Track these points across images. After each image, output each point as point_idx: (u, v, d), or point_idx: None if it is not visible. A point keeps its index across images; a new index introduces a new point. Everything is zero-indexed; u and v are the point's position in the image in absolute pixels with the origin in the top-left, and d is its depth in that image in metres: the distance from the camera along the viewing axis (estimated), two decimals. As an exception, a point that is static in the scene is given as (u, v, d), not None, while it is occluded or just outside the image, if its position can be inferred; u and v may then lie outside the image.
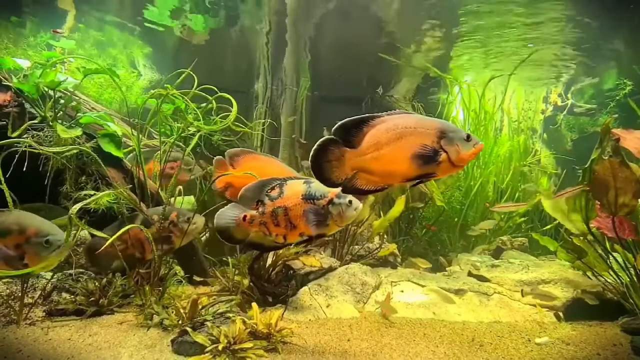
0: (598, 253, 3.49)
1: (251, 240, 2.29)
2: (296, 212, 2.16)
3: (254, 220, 2.22)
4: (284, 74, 7.69)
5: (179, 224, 3.12)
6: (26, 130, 3.15)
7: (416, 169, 1.82)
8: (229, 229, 2.26)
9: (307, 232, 2.20)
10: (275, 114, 7.60)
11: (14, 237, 1.97)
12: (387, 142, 1.83)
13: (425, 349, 2.80)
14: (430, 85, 7.85)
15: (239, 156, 2.74)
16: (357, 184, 1.92)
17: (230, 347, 2.49)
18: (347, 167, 1.91)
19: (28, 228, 1.99)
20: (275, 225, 2.20)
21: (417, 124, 1.84)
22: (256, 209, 2.23)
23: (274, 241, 2.27)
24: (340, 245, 4.42)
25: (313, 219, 2.13)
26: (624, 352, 2.80)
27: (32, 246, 1.98)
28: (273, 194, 2.22)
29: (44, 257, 2.00)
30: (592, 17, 5.95)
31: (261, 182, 2.27)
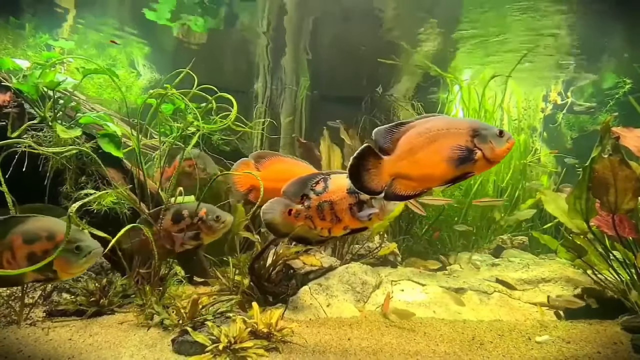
0: (598, 251, 3.49)
1: (296, 233, 2.32)
2: (341, 206, 2.19)
3: (299, 214, 2.26)
4: (283, 74, 7.69)
5: (207, 221, 3.10)
6: (26, 130, 3.15)
7: (453, 170, 1.84)
8: (275, 222, 2.29)
9: (351, 225, 2.23)
10: (275, 114, 7.60)
11: (42, 244, 1.94)
12: (422, 147, 1.86)
13: (426, 347, 2.80)
14: (430, 85, 7.84)
15: (265, 158, 2.70)
16: (397, 190, 1.94)
17: (231, 347, 2.50)
18: (385, 174, 1.94)
19: (57, 234, 1.95)
20: (320, 219, 2.24)
21: (449, 126, 1.86)
22: (301, 203, 2.26)
23: (319, 234, 2.30)
24: (341, 245, 4.43)
25: (357, 212, 2.16)
26: (624, 350, 2.80)
27: (62, 253, 1.94)
28: (318, 189, 2.25)
29: (74, 263, 1.97)
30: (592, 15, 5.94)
31: (305, 177, 2.30)
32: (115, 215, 3.26)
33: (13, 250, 1.95)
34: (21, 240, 1.94)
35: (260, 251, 3.49)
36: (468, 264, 4.73)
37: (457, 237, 5.79)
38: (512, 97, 7.50)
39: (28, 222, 2.01)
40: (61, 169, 3.27)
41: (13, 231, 1.97)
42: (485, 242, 5.77)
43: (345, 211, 2.19)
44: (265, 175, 2.65)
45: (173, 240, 3.18)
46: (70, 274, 2.02)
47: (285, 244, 3.83)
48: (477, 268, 4.47)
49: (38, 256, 1.92)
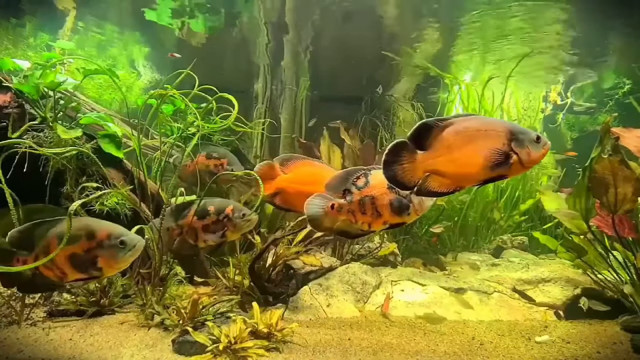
0: (598, 252, 3.50)
1: (338, 227, 2.36)
2: (382, 201, 2.22)
3: (342, 209, 2.29)
4: (283, 74, 7.69)
5: (233, 219, 3.09)
6: (26, 131, 3.15)
7: (488, 171, 1.85)
8: (318, 217, 2.32)
9: (391, 220, 2.27)
10: (275, 114, 7.60)
11: (83, 244, 1.95)
12: (458, 146, 1.87)
13: (426, 347, 2.81)
14: (430, 85, 7.84)
15: (290, 161, 2.68)
16: (430, 186, 1.96)
17: (231, 347, 2.50)
18: (419, 170, 1.96)
19: (98, 232, 1.96)
20: (362, 213, 2.27)
21: (487, 127, 1.87)
22: (343, 197, 2.29)
23: (359, 229, 2.33)
24: (341, 245, 4.43)
25: (398, 208, 2.21)
26: (624, 350, 2.80)
27: (107, 249, 1.96)
28: (359, 184, 2.29)
29: (120, 258, 1.98)
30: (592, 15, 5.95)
31: (347, 172, 2.34)
32: (116, 216, 3.26)
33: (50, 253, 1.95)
34: (58, 242, 1.94)
35: (261, 251, 3.50)
36: (468, 263, 4.74)
37: (457, 237, 5.79)
38: (512, 97, 7.51)
39: (61, 225, 2.01)
40: (62, 169, 3.27)
41: (47, 235, 1.98)
42: (485, 243, 5.78)
43: (385, 206, 2.23)
44: (291, 178, 2.64)
45: (196, 236, 3.15)
46: (115, 269, 2.03)
47: (285, 244, 3.84)
48: (477, 268, 4.47)
49: (81, 256, 1.94)
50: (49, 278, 2.01)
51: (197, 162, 4.06)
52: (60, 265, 1.96)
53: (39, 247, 1.96)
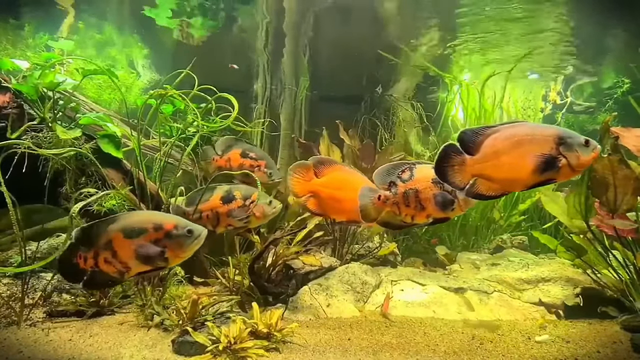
0: (598, 251, 3.50)
1: (382, 219, 2.41)
2: (426, 194, 2.26)
3: (387, 200, 2.33)
4: (282, 74, 7.69)
5: (259, 205, 3.09)
6: (25, 131, 3.15)
7: (536, 176, 1.88)
8: (368, 207, 2.37)
9: (434, 214, 2.30)
10: (275, 114, 7.60)
11: (150, 235, 2.00)
12: (506, 151, 1.90)
13: (426, 347, 2.81)
14: (429, 84, 7.84)
15: (324, 164, 2.65)
16: (478, 189, 2.01)
17: (231, 347, 2.50)
18: (467, 173, 2.01)
19: (165, 223, 2.03)
20: (406, 205, 2.31)
21: (535, 132, 1.90)
22: (388, 189, 2.33)
23: (402, 221, 2.37)
24: (341, 245, 4.43)
25: (442, 202, 2.24)
26: (623, 349, 2.80)
27: (175, 239, 2.02)
28: (404, 176, 2.33)
29: (187, 247, 2.05)
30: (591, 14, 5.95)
31: (392, 165, 2.39)
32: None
33: (113, 249, 1.99)
34: (122, 236, 1.99)
35: (260, 251, 3.50)
36: (467, 263, 4.73)
37: (457, 237, 5.79)
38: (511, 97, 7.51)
39: (121, 220, 2.06)
40: (61, 169, 3.27)
41: (107, 231, 2.02)
42: (485, 242, 5.77)
43: (429, 200, 2.26)
44: (324, 182, 2.64)
45: (217, 222, 3.12)
46: (180, 259, 2.09)
47: (285, 244, 3.84)
48: (477, 268, 4.47)
49: (147, 247, 2.00)
50: (108, 274, 2.05)
51: (230, 159, 3.88)
52: (125, 259, 2.00)
53: (100, 243, 2.02)
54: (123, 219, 2.07)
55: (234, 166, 3.88)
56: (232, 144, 3.82)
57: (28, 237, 3.65)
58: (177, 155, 4.78)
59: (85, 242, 2.06)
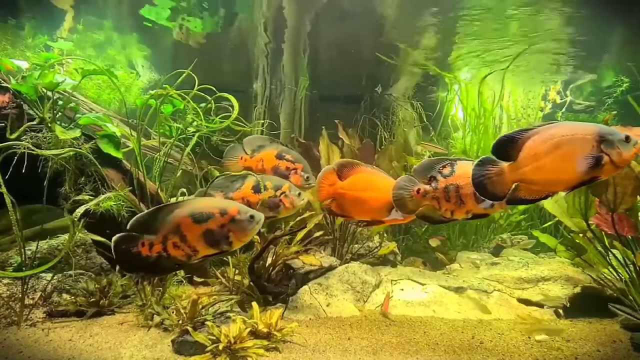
0: (598, 250, 3.50)
1: (421, 212, 2.43)
2: (466, 190, 2.27)
3: (427, 194, 2.37)
4: (282, 73, 7.69)
5: (290, 195, 3.08)
6: (25, 131, 3.15)
7: (580, 175, 1.88)
8: (404, 199, 2.40)
9: (474, 210, 2.32)
10: (275, 114, 7.60)
11: (217, 220, 2.12)
12: (546, 153, 1.90)
13: (426, 347, 2.81)
14: (429, 84, 7.84)
15: (347, 167, 2.67)
16: (520, 194, 2.02)
17: (231, 347, 2.50)
18: (508, 181, 2.01)
19: (229, 208, 2.15)
20: (446, 200, 2.34)
21: (574, 132, 1.89)
22: (428, 183, 2.36)
23: (442, 215, 2.40)
24: (340, 244, 4.43)
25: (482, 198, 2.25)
26: (623, 348, 2.81)
27: (239, 223, 2.15)
28: (445, 172, 2.36)
29: (249, 231, 2.17)
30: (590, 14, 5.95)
31: (433, 160, 2.44)
32: (113, 216, 3.26)
33: (182, 234, 2.08)
34: (191, 221, 2.08)
35: (260, 251, 3.50)
36: (467, 262, 4.74)
37: (457, 236, 5.80)
38: (511, 96, 7.51)
39: (188, 205, 2.15)
40: (60, 170, 3.26)
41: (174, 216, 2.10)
42: (485, 241, 5.78)
43: (469, 196, 2.27)
44: (348, 185, 2.65)
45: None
46: (242, 242, 2.21)
47: (285, 244, 3.84)
48: (477, 267, 4.47)
49: (215, 231, 2.10)
50: (176, 257, 2.12)
51: (263, 160, 3.63)
52: (193, 243, 2.10)
53: (167, 228, 2.08)
54: (189, 204, 2.16)
55: (267, 168, 3.63)
56: (264, 143, 3.59)
57: (28, 237, 3.65)
58: (177, 155, 4.78)
59: (148, 229, 2.10)
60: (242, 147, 3.70)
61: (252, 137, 3.65)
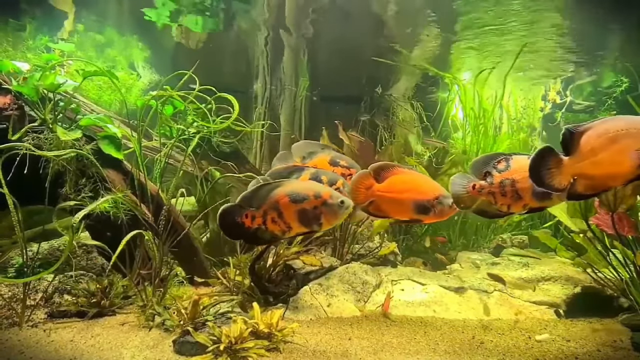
0: (598, 250, 3.50)
1: (477, 207, 2.47)
2: (523, 184, 2.28)
3: (482, 190, 2.40)
4: (282, 74, 7.70)
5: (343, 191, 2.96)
6: (26, 133, 3.16)
7: (636, 169, 1.87)
8: (460, 196, 2.46)
9: (531, 204, 2.33)
10: (275, 114, 7.61)
11: (311, 202, 2.27)
12: (602, 147, 1.90)
13: (426, 347, 2.81)
14: (429, 84, 7.86)
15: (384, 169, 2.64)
16: (579, 189, 2.01)
17: (232, 347, 2.50)
18: (566, 174, 2.02)
19: (322, 192, 2.30)
20: (501, 195, 2.36)
21: (629, 126, 1.89)
22: (484, 179, 2.40)
23: (498, 210, 2.42)
24: (341, 245, 4.44)
25: (541, 192, 2.25)
26: (624, 348, 2.81)
27: (330, 207, 2.29)
28: (500, 167, 2.38)
29: (339, 214, 2.31)
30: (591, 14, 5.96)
31: (489, 156, 2.47)
32: (114, 218, 3.27)
33: (280, 210, 2.26)
34: (289, 200, 2.26)
35: (261, 252, 3.51)
36: (468, 262, 4.74)
37: (457, 236, 5.80)
38: (511, 97, 7.51)
39: (287, 186, 2.33)
40: (62, 171, 3.27)
41: (274, 194, 2.28)
42: (485, 241, 5.78)
43: (526, 190, 2.29)
44: (385, 187, 2.64)
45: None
46: (331, 225, 2.37)
47: (285, 245, 3.85)
48: (477, 267, 4.48)
49: (309, 211, 2.26)
50: (273, 232, 2.31)
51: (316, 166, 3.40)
52: (289, 220, 2.28)
53: (267, 204, 2.27)
54: (288, 185, 2.34)
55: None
56: (315, 150, 3.45)
57: (29, 238, 3.66)
58: (177, 156, 4.79)
59: (253, 203, 2.29)
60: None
61: (301, 143, 3.53)
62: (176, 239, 3.57)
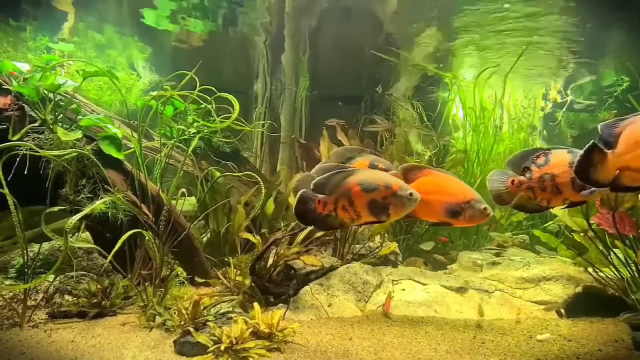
0: (599, 249, 3.50)
1: (517, 202, 2.48)
2: (562, 179, 2.29)
3: (521, 185, 2.41)
4: (282, 74, 7.70)
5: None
6: (27, 133, 3.16)
7: None
8: (499, 191, 2.47)
9: (572, 198, 2.33)
10: (275, 114, 7.61)
11: (381, 192, 2.29)
12: None
13: (427, 347, 2.81)
14: (429, 84, 7.85)
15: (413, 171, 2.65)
16: (624, 182, 2.02)
17: (233, 347, 2.50)
18: (611, 168, 2.03)
19: (392, 184, 2.32)
20: (541, 190, 2.36)
21: None
22: (523, 174, 2.40)
23: (538, 204, 2.43)
24: (341, 245, 4.43)
25: (581, 186, 2.25)
26: (625, 347, 2.80)
27: (399, 199, 2.30)
28: (539, 162, 2.38)
29: (407, 206, 2.32)
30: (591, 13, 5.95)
31: (527, 151, 2.47)
32: (115, 219, 3.27)
33: (351, 199, 2.29)
34: (360, 189, 2.28)
35: (261, 252, 3.51)
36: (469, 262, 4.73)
37: (458, 236, 5.79)
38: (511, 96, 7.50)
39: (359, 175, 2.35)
40: (62, 171, 3.28)
41: (346, 182, 2.31)
42: (486, 241, 5.77)
43: (566, 184, 2.29)
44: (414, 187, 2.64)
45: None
46: (398, 216, 2.38)
47: (286, 245, 3.85)
48: (478, 267, 4.47)
49: (378, 202, 2.28)
50: (342, 219, 2.35)
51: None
52: (359, 209, 2.31)
53: (339, 191, 2.31)
54: (360, 174, 2.36)
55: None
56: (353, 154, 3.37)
57: (29, 239, 3.66)
58: (178, 156, 4.79)
59: (326, 189, 2.33)
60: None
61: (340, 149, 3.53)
62: (177, 239, 3.58)
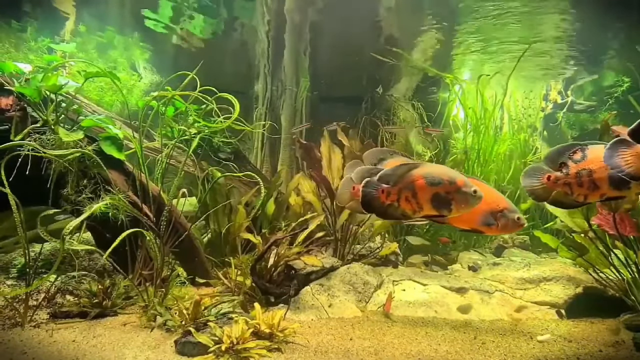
0: (599, 250, 3.50)
1: (553, 198, 2.47)
2: (600, 174, 2.29)
3: (558, 181, 2.40)
4: (283, 75, 7.71)
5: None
6: (29, 134, 3.17)
7: None
8: (535, 187, 2.47)
9: (609, 194, 2.33)
10: (276, 115, 7.62)
11: (445, 187, 2.30)
12: None
13: (428, 347, 2.81)
14: (429, 84, 7.85)
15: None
16: None
17: (234, 347, 2.51)
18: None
19: (457, 179, 2.33)
20: (578, 185, 2.36)
21: None
22: (559, 170, 2.41)
23: (575, 200, 2.42)
24: (342, 245, 4.44)
25: (618, 181, 2.25)
26: (626, 348, 2.80)
27: (463, 195, 2.30)
28: (576, 157, 2.38)
29: (470, 203, 2.32)
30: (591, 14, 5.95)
31: (564, 147, 2.46)
32: (116, 219, 3.28)
33: (414, 191, 2.30)
34: (425, 182, 2.29)
35: (262, 252, 3.51)
36: (469, 263, 4.74)
37: (458, 236, 5.79)
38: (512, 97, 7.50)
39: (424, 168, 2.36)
40: (63, 172, 3.29)
41: (411, 174, 2.32)
42: (486, 242, 5.77)
43: (603, 180, 2.29)
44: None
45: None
46: (461, 212, 2.35)
47: (286, 245, 3.85)
48: (479, 267, 4.47)
49: (441, 196, 2.29)
50: (404, 210, 2.36)
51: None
52: (422, 201, 2.33)
53: (404, 183, 2.33)
54: (425, 167, 2.38)
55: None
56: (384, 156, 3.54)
57: (31, 239, 3.68)
58: (179, 156, 4.80)
59: (390, 180, 2.35)
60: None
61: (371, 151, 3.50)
62: (178, 240, 3.59)
